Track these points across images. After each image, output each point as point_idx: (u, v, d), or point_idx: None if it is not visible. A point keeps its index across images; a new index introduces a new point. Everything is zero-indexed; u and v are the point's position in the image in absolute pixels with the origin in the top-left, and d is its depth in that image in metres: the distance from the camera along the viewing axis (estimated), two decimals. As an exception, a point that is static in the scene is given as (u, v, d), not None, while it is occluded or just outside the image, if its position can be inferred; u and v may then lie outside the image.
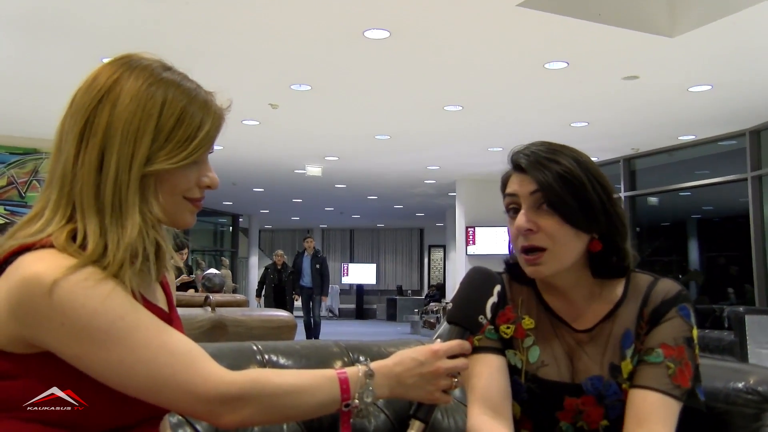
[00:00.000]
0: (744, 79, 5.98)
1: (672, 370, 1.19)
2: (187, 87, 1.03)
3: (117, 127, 0.97)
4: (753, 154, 7.77)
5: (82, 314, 0.89)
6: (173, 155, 0.99)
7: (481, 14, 4.52)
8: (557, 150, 1.27)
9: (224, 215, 17.75)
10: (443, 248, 19.68)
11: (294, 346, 1.71)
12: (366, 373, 1.02)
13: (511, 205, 1.28)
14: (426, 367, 1.05)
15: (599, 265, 1.28)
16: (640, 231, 10.12)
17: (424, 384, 1.05)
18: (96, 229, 0.96)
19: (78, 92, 1.02)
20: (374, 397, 1.02)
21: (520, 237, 1.25)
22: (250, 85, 6.14)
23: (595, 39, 4.93)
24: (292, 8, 4.47)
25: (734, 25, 4.60)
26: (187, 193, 1.04)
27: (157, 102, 0.99)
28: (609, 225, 1.26)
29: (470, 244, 11.37)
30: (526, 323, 1.33)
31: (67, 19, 4.64)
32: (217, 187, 1.08)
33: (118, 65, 1.02)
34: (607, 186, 1.27)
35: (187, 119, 1.01)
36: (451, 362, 1.07)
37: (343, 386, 1.00)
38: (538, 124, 7.60)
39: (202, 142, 1.02)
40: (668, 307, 1.25)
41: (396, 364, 1.06)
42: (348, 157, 9.91)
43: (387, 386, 1.04)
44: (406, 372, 1.05)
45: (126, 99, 0.98)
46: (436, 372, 1.05)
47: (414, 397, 1.07)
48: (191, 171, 1.03)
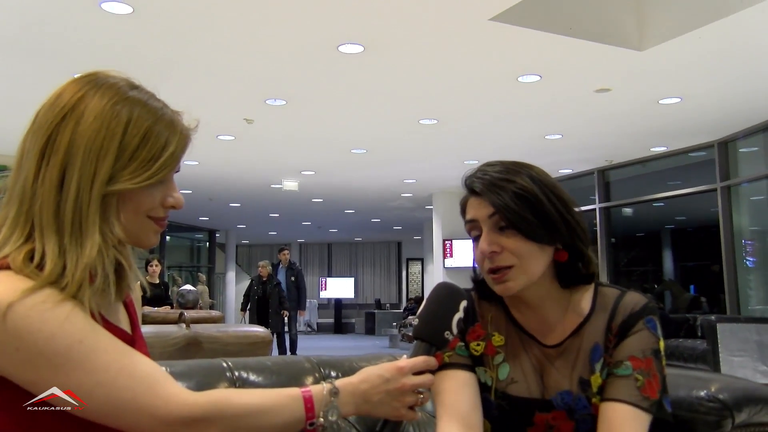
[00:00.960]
0: (712, 92, 6.09)
1: (641, 382, 1.20)
2: (154, 106, 1.02)
3: (79, 145, 0.96)
4: (722, 165, 7.91)
5: (38, 338, 0.87)
6: (137, 175, 0.98)
7: (454, 28, 4.57)
8: (510, 168, 1.28)
9: (201, 231, 17.64)
10: (421, 261, 19.71)
11: (265, 362, 1.70)
12: (331, 391, 1.01)
13: (473, 230, 1.29)
14: (392, 384, 1.04)
15: (566, 274, 1.30)
16: (615, 241, 10.23)
17: (390, 401, 1.05)
18: (55, 248, 0.93)
19: (41, 109, 1.01)
20: (339, 415, 1.02)
21: (485, 260, 1.26)
22: (224, 100, 6.13)
23: (567, 52, 5.00)
24: (267, 23, 4.48)
25: (701, 39, 4.70)
26: (150, 212, 1.03)
27: (121, 121, 0.98)
28: (570, 234, 1.27)
29: (448, 257, 11.40)
30: (496, 340, 1.33)
31: (37, 36, 4.61)
32: (182, 207, 1.07)
33: (84, 83, 1.01)
34: (563, 196, 1.28)
35: (152, 139, 0.99)
36: (416, 378, 1.06)
37: (308, 405, 0.99)
38: (512, 137, 7.67)
39: (167, 162, 1.01)
40: (636, 319, 1.26)
41: (361, 381, 1.05)
42: (325, 171, 9.91)
43: (352, 403, 1.03)
44: (372, 389, 1.04)
45: (90, 117, 0.97)
46: (401, 388, 1.05)
47: (380, 413, 1.06)
48: (156, 190, 1.02)
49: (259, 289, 10.70)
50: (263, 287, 10.67)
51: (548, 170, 1.33)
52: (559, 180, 9.99)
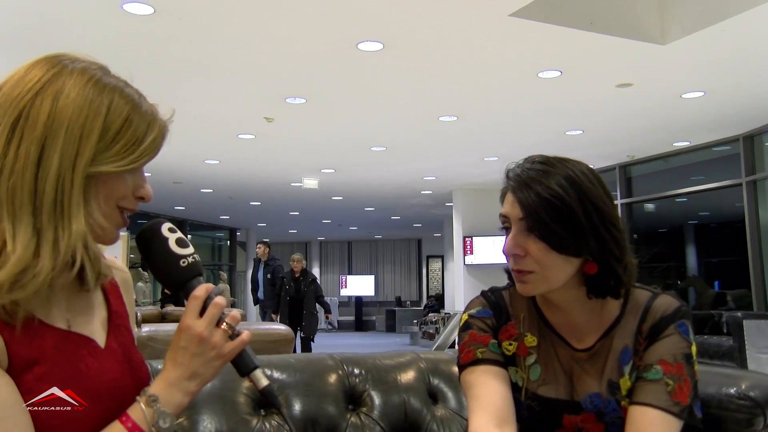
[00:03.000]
0: (736, 85, 6.01)
1: (671, 386, 1.18)
2: (129, 93, 0.98)
3: (61, 121, 0.90)
4: (747, 159, 7.80)
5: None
6: (120, 158, 0.93)
7: (474, 24, 4.55)
8: (550, 170, 1.23)
9: (222, 229, 17.75)
10: (441, 258, 19.68)
11: (288, 359, 1.70)
12: (148, 401, 0.94)
13: (505, 223, 1.27)
14: (193, 346, 0.96)
15: (594, 287, 1.26)
16: (637, 237, 10.14)
17: (206, 359, 0.97)
18: (27, 228, 0.87)
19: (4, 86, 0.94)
20: (172, 416, 0.95)
21: (510, 258, 1.26)
22: (244, 99, 6.15)
23: (587, 47, 4.96)
24: (286, 22, 4.50)
25: (724, 31, 4.63)
26: (121, 201, 0.98)
27: (104, 101, 0.93)
28: (601, 248, 1.22)
29: (468, 254, 11.37)
30: (529, 341, 1.31)
31: (59, 37, 4.65)
32: (150, 201, 1.02)
33: (55, 61, 0.96)
34: (601, 205, 1.22)
35: (134, 123, 0.95)
36: (204, 320, 0.97)
37: (134, 430, 0.93)
38: (533, 133, 7.62)
39: (149, 148, 0.97)
40: (667, 323, 1.24)
41: (168, 369, 0.97)
42: (344, 169, 9.92)
43: (181, 393, 0.96)
44: (183, 366, 0.96)
45: (71, 93, 0.92)
46: (202, 340, 0.96)
47: (215, 373, 0.99)
48: (130, 178, 0.98)
49: (292, 287, 9.37)
50: (296, 285, 9.37)
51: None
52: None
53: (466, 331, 1.34)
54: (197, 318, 0.97)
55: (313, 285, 9.40)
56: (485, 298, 1.38)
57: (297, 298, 9.26)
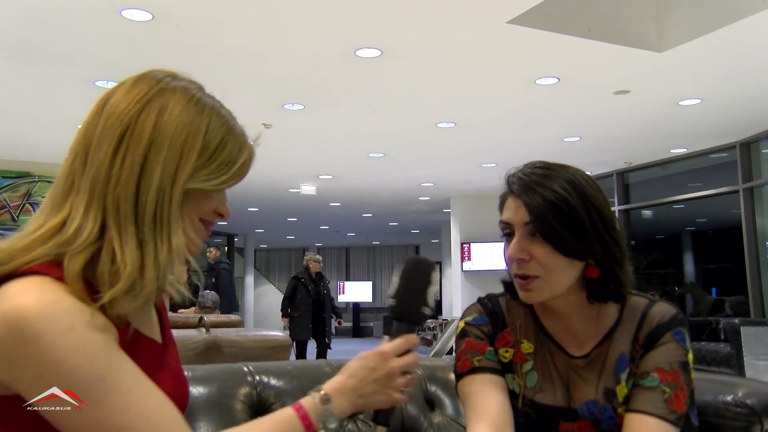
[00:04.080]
0: (733, 93, 6.02)
1: (667, 394, 1.18)
2: (225, 114, 1.02)
3: (165, 135, 0.94)
4: (744, 166, 7.81)
5: (61, 369, 0.83)
6: (214, 177, 0.97)
7: (472, 31, 4.56)
8: (552, 174, 1.24)
9: (219, 235, 17.72)
10: (439, 265, 19.62)
11: (285, 366, 1.70)
12: (322, 399, 1.01)
13: (506, 230, 1.27)
14: (379, 372, 1.04)
15: (595, 291, 1.27)
16: (635, 244, 10.15)
17: (381, 389, 1.04)
18: (133, 240, 0.90)
19: (110, 98, 0.97)
20: (337, 420, 1.01)
21: (514, 263, 1.25)
22: (243, 105, 6.12)
23: (585, 55, 4.97)
24: (284, 29, 4.50)
25: (721, 39, 4.65)
26: (206, 215, 1.02)
27: (204, 120, 0.98)
28: (604, 252, 1.23)
29: (466, 260, 11.37)
30: (525, 347, 1.32)
31: (58, 44, 4.66)
32: (228, 218, 1.06)
33: (158, 78, 0.99)
34: (603, 210, 1.24)
35: (229, 145, 0.99)
36: (402, 360, 1.06)
37: (305, 422, 0.98)
38: (530, 140, 7.63)
39: (240, 170, 1.01)
40: (663, 330, 1.24)
41: (349, 377, 1.04)
42: (342, 175, 9.93)
43: (347, 403, 1.03)
44: (361, 382, 1.04)
45: (175, 109, 0.96)
46: (389, 374, 1.04)
47: (375, 404, 1.05)
48: (215, 195, 1.01)
49: (312, 290, 8.43)
50: (315, 287, 8.47)
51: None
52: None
53: (463, 339, 1.34)
54: (396, 355, 1.05)
55: (328, 288, 8.79)
56: (482, 305, 1.38)
57: (319, 303, 8.44)
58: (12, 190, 8.10)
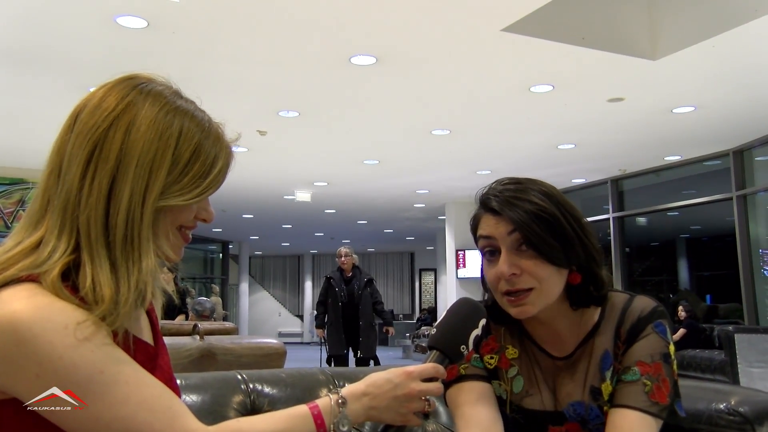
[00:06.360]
0: (727, 100, 6.05)
1: (649, 387, 1.18)
2: (201, 118, 0.99)
3: (132, 155, 0.92)
4: (737, 174, 7.85)
5: (59, 366, 0.83)
6: (187, 191, 0.95)
7: (466, 39, 4.57)
8: (525, 188, 1.25)
9: (214, 242, 17.69)
10: (434, 272, 19.65)
11: (279, 374, 1.69)
12: (338, 402, 1.01)
13: (487, 247, 1.25)
14: (399, 389, 1.04)
15: (578, 297, 1.27)
16: (629, 251, 10.16)
17: (398, 406, 1.04)
18: (105, 263, 0.90)
19: (81, 112, 0.95)
20: (350, 425, 1.01)
21: (502, 281, 1.23)
22: (238, 112, 6.16)
23: (579, 62, 4.99)
24: (279, 36, 4.51)
25: (714, 47, 4.67)
26: (186, 223, 1.01)
27: (174, 132, 0.95)
28: (586, 256, 1.24)
29: (461, 267, 11.37)
30: (510, 353, 1.32)
31: (52, 51, 4.66)
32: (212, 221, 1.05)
33: (129, 87, 0.98)
34: (578, 216, 1.26)
35: (203, 154, 0.97)
36: (424, 385, 1.06)
37: (318, 421, 0.98)
38: (525, 147, 7.65)
39: (216, 179, 0.99)
40: (644, 324, 1.24)
41: (369, 386, 1.04)
42: (337, 182, 9.93)
43: (362, 411, 1.03)
44: (380, 394, 1.04)
45: (142, 126, 0.93)
46: (409, 393, 1.04)
47: (388, 419, 1.06)
48: (195, 205, 1.00)
49: (343, 292, 7.04)
50: (348, 288, 7.08)
51: (561, 180, 1.31)
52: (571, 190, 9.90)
53: None
54: (421, 378, 1.06)
55: (369, 287, 7.23)
56: None
57: (350, 306, 7.00)
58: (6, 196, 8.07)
